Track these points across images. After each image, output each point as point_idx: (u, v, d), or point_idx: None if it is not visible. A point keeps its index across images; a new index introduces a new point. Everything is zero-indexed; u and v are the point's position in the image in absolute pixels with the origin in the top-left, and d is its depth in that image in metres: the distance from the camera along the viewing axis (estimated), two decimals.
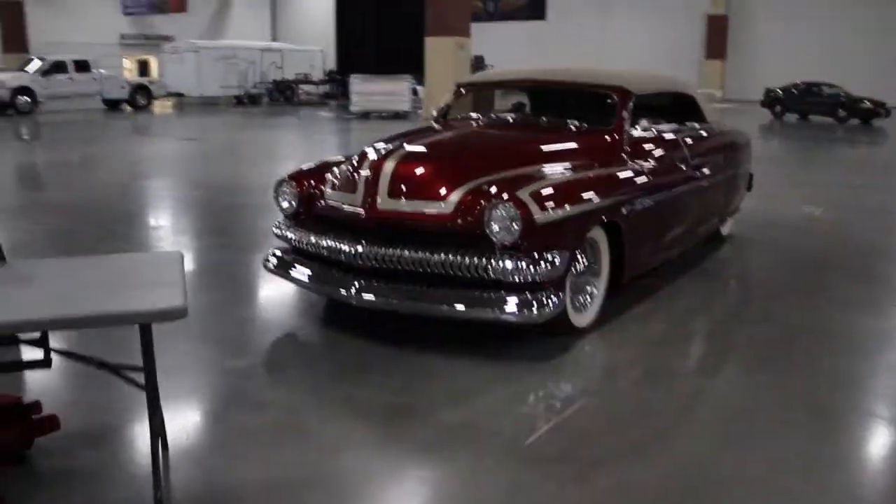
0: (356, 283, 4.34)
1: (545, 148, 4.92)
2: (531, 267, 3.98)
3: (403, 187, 4.29)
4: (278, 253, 4.98)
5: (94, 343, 4.08)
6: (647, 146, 5.38)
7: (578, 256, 4.43)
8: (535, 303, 4.03)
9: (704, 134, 6.35)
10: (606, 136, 5.16)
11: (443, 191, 4.23)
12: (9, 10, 29.41)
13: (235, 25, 47.79)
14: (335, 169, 4.89)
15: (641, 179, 4.96)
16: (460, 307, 4.10)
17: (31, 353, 3.17)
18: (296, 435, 3.36)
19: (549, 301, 4.08)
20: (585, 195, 4.35)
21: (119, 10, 40.64)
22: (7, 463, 3.03)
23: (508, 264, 3.97)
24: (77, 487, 2.92)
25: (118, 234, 7.32)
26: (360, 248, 4.29)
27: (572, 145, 5.05)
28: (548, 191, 4.18)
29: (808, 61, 34.94)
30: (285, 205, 4.94)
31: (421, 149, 4.67)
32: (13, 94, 24.35)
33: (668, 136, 5.66)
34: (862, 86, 27.90)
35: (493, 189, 4.15)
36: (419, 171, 4.37)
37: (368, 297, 4.29)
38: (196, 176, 12.08)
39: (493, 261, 4.00)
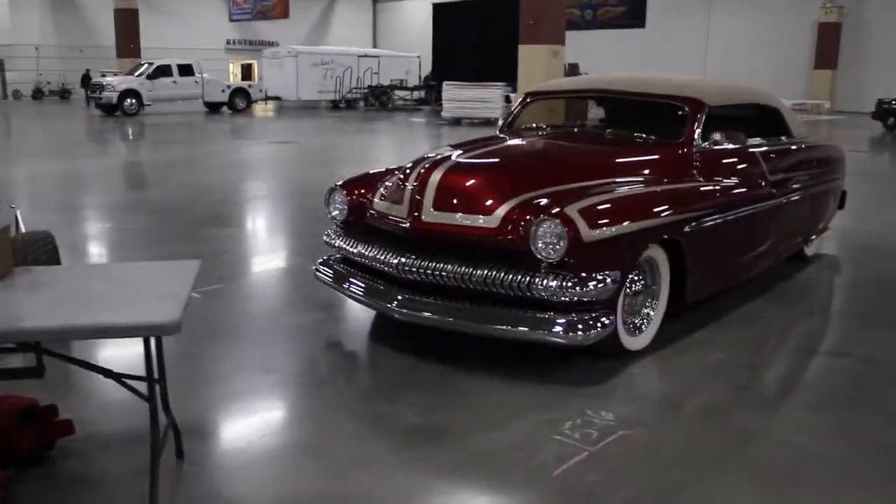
0: (400, 296, 4.22)
1: (606, 161, 4.69)
2: (578, 287, 3.76)
3: (449, 199, 4.14)
4: (328, 261, 4.91)
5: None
6: (720, 161, 5.07)
7: (633, 276, 4.19)
8: (582, 324, 3.81)
9: (788, 148, 5.96)
10: (674, 150, 4.88)
11: (489, 204, 4.05)
12: (123, 17, 30.71)
13: (337, 32, 48.73)
14: (386, 178, 4.79)
15: (709, 196, 4.67)
16: (505, 326, 3.92)
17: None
18: (316, 452, 3.26)
19: (599, 323, 3.86)
20: (641, 212, 4.10)
21: (226, 16, 41.95)
22: (27, 464, 3.03)
23: (553, 283, 3.76)
24: (86, 494, 2.88)
25: (196, 235, 7.42)
26: (403, 260, 4.16)
27: (637, 158, 4.80)
28: (599, 207, 3.95)
29: None
30: (335, 213, 4.86)
31: (472, 160, 4.52)
32: (121, 96, 25.40)
33: (744, 150, 5.33)
34: None
35: (541, 204, 3.96)
36: (466, 182, 4.21)
37: (411, 311, 4.15)
38: (284, 180, 12.24)
39: (537, 279, 3.80)
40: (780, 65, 37.81)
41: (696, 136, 4.92)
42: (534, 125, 5.78)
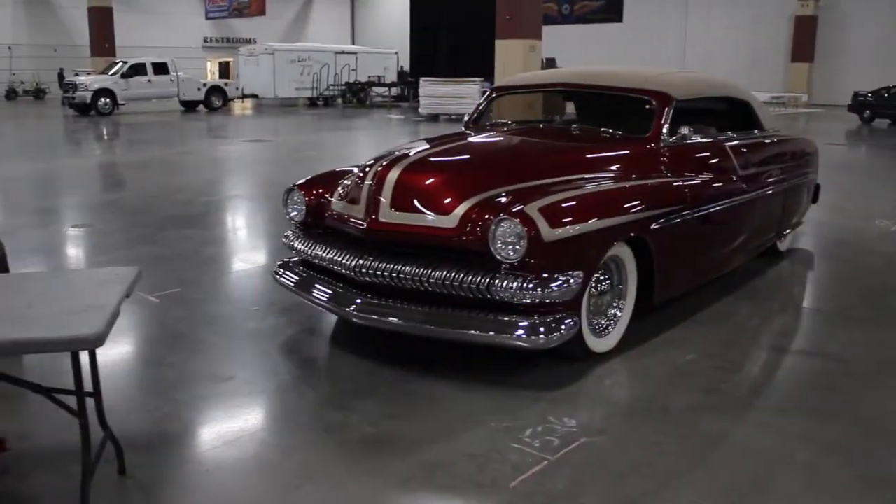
0: (359, 300, 4.08)
1: (570, 157, 4.56)
2: (539, 288, 3.63)
3: (407, 198, 4.00)
4: (287, 263, 4.76)
5: None
6: (689, 155, 4.96)
7: (598, 276, 4.06)
8: (545, 327, 3.68)
9: (759, 142, 5.86)
10: (641, 145, 4.76)
11: (448, 203, 3.92)
12: (98, 16, 30.24)
13: (315, 29, 48.43)
14: (346, 177, 4.64)
15: (677, 192, 4.55)
16: (466, 330, 3.78)
17: None
18: (269, 464, 3.12)
19: (562, 325, 3.73)
20: (605, 209, 3.97)
21: (203, 14, 41.58)
22: None
23: (514, 285, 3.63)
24: None
25: (161, 237, 7.23)
26: (361, 262, 4.02)
27: (602, 154, 4.68)
28: (561, 205, 3.82)
29: None
30: (293, 214, 4.70)
31: (431, 157, 4.37)
32: (94, 96, 25.05)
33: (714, 144, 5.22)
34: None
35: (500, 203, 3.82)
36: (425, 181, 4.07)
37: (370, 315, 4.01)
38: (255, 179, 12.05)
39: (497, 281, 3.66)
40: (758, 58, 37.92)
41: (663, 130, 4.81)
42: (500, 121, 5.65)
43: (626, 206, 4.11)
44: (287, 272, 4.68)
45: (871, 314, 5.20)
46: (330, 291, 4.28)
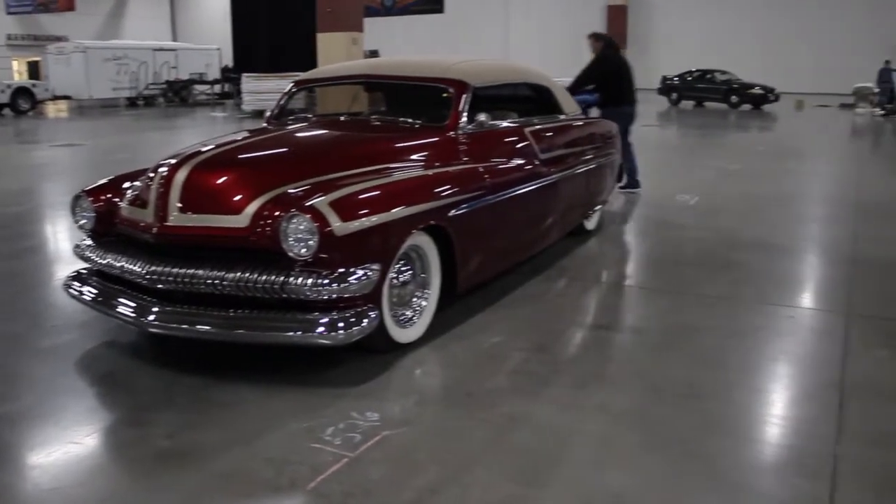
0: (156, 308, 3.87)
1: (368, 149, 4.53)
2: (335, 283, 3.57)
3: (196, 199, 3.84)
4: (80, 275, 4.46)
5: None
6: (489, 142, 5.04)
7: (399, 267, 4.05)
8: (344, 322, 3.63)
9: (560, 126, 6.05)
10: (439, 133, 4.79)
11: (238, 201, 3.78)
12: None
13: (133, 25, 46.18)
14: (136, 180, 4.41)
15: (475, 179, 4.60)
16: (266, 332, 3.66)
17: None
18: (53, 493, 2.89)
19: (363, 319, 3.69)
20: (400, 200, 3.95)
21: (3, 9, 38.66)
22: None
23: (309, 281, 3.56)
24: None
25: None
26: (152, 269, 3.82)
27: (401, 144, 4.67)
28: (354, 198, 3.77)
29: (704, 49, 35.69)
30: (82, 222, 4.42)
31: (223, 155, 4.21)
32: None
33: (514, 129, 5.33)
34: (753, 72, 28.53)
35: (291, 199, 3.73)
36: (215, 180, 3.91)
37: (167, 324, 3.81)
38: (60, 186, 11.31)
39: (291, 278, 3.58)
40: (576, 46, 39.43)
41: (461, 118, 4.86)
42: (302, 115, 5.54)
43: (422, 195, 4.11)
44: (80, 284, 4.39)
45: (666, 285, 5.49)
46: (126, 302, 4.04)
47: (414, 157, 4.55)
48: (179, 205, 3.84)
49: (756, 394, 3.76)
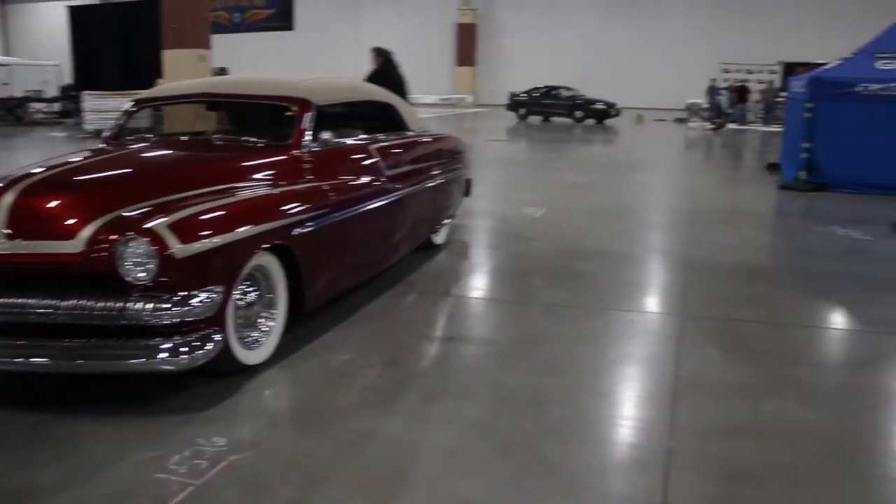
0: None
1: (209, 169, 4.43)
2: (176, 307, 3.47)
3: (24, 226, 3.64)
4: None
5: None
6: (333, 160, 5.04)
7: (243, 287, 3.99)
8: (187, 346, 3.53)
9: (406, 142, 6.13)
10: (283, 152, 4.75)
11: (72, 226, 3.61)
12: None
13: None
14: None
15: (318, 197, 4.58)
16: (106, 360, 3.51)
17: None
18: None
19: (207, 342, 3.61)
20: (241, 220, 3.89)
21: None
22: None
23: (149, 306, 3.44)
24: None
25: None
26: None
27: (243, 164, 4.59)
28: (194, 219, 3.68)
29: (551, 66, 37.06)
30: None
31: (54, 177, 4.01)
32: None
33: (359, 147, 5.36)
34: (597, 88, 29.91)
35: (128, 221, 3.60)
36: (44, 204, 3.72)
37: (1, 358, 3.58)
38: None
39: (130, 304, 3.45)
40: (428, 63, 40.02)
41: (305, 136, 4.84)
42: (142, 135, 5.37)
43: (265, 214, 4.06)
44: None
45: (513, 296, 5.67)
46: None
47: (257, 176, 4.49)
48: (7, 231, 3.63)
49: (599, 397, 3.93)
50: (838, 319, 5.53)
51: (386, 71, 9.50)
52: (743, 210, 9.90)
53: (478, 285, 6.18)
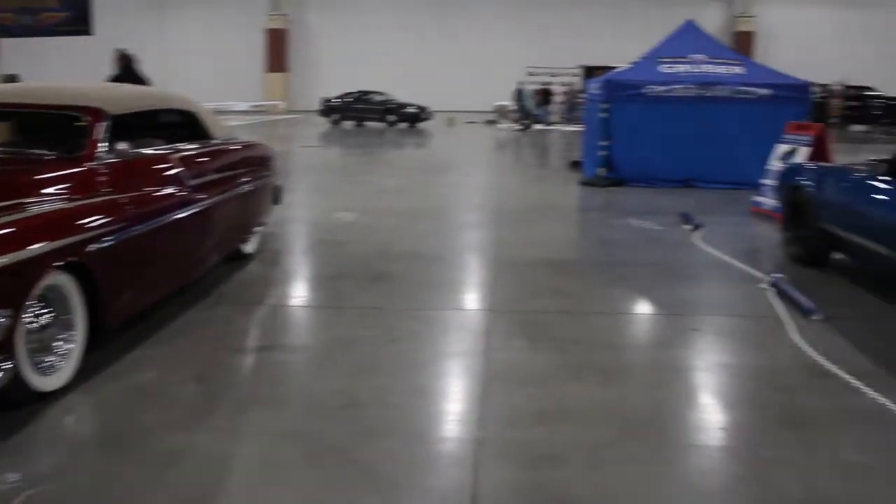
0: None
1: None
2: None
3: None
4: None
5: None
6: (131, 171, 4.84)
7: (35, 310, 3.75)
8: None
9: (209, 151, 5.98)
10: (74, 165, 4.49)
11: None
12: None
13: None
14: None
15: (114, 210, 4.35)
16: None
17: None
18: None
19: None
20: (23, 240, 3.61)
21: None
22: None
23: None
24: None
25: None
26: None
27: (30, 178, 4.30)
28: None
29: (364, 71, 37.17)
30: None
31: None
32: None
33: (158, 157, 5.18)
34: (409, 92, 30.37)
35: None
36: None
37: None
38: None
39: None
40: (236, 69, 39.15)
41: (99, 147, 4.61)
42: None
43: (55, 231, 3.83)
44: None
45: (326, 301, 5.69)
46: None
47: (48, 191, 4.22)
48: None
49: (411, 395, 4.02)
50: (635, 305, 5.94)
51: (127, 75, 10.22)
52: (548, 206, 10.41)
53: (290, 293, 6.13)
